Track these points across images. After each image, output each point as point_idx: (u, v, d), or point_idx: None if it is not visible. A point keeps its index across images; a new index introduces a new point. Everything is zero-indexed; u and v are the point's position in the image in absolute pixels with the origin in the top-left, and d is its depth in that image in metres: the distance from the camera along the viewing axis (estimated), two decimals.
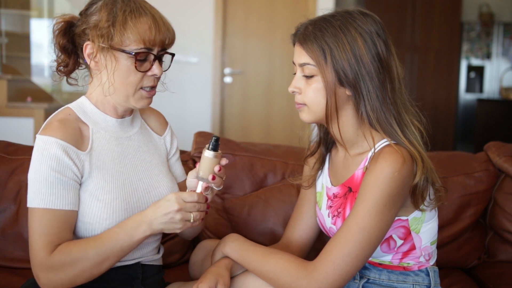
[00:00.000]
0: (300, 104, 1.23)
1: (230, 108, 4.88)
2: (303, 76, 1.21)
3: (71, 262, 1.12)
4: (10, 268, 1.66)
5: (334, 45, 1.15)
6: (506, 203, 1.79)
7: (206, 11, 4.66)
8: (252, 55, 4.84)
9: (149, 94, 1.24)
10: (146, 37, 1.18)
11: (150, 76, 1.22)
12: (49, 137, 1.17)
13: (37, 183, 1.15)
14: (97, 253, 1.13)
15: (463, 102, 6.17)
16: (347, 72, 1.15)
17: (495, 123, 5.40)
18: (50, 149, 1.16)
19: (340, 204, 1.26)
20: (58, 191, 1.15)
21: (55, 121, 1.21)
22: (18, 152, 1.77)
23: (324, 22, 1.18)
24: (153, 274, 1.34)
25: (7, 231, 1.67)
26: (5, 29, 4.63)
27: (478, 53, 6.16)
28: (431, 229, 1.25)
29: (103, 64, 1.20)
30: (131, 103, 1.24)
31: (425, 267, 1.27)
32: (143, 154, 1.32)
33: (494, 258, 1.80)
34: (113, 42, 1.17)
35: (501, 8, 6.31)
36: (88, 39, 1.20)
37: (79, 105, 1.27)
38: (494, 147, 1.86)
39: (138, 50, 1.18)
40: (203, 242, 1.62)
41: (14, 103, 4.05)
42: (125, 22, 1.17)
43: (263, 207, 1.72)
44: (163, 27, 1.21)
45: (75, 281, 1.14)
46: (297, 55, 1.21)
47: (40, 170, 1.15)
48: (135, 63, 1.18)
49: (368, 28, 1.17)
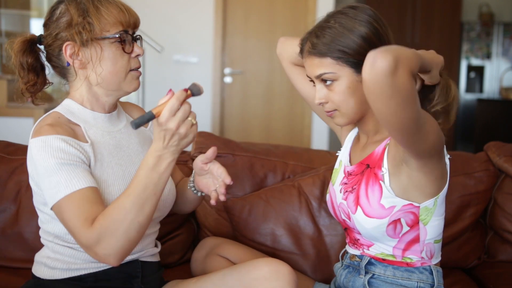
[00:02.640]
0: (330, 111, 1.25)
1: (230, 108, 4.88)
2: (324, 86, 1.23)
3: (113, 222, 1.09)
4: (10, 268, 1.66)
5: (340, 42, 1.18)
6: (506, 203, 1.79)
7: (206, 11, 4.66)
8: (252, 55, 4.84)
9: (138, 74, 1.26)
10: (122, 19, 1.21)
11: (134, 58, 1.25)
12: (46, 136, 1.16)
13: (52, 178, 1.13)
14: (133, 201, 1.10)
15: (463, 102, 6.17)
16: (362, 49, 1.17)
17: (495, 123, 5.40)
18: (53, 144, 1.15)
19: (356, 182, 1.28)
20: (74, 174, 1.13)
21: (45, 125, 1.19)
22: (18, 152, 1.77)
23: (322, 29, 1.21)
24: (152, 273, 1.34)
25: (7, 231, 1.67)
26: (5, 29, 4.62)
27: (478, 53, 6.16)
28: (438, 226, 1.27)
29: (88, 58, 1.21)
30: (124, 88, 1.25)
31: (428, 264, 1.28)
32: (135, 145, 1.34)
33: (494, 258, 1.80)
34: (95, 32, 1.19)
35: (501, 8, 6.31)
36: (65, 41, 1.20)
37: (65, 107, 1.26)
38: (494, 147, 1.86)
39: (120, 33, 1.20)
40: (205, 240, 1.64)
41: (14, 103, 4.05)
42: (98, 10, 1.19)
43: (264, 207, 1.72)
44: (130, 10, 1.24)
45: (129, 237, 1.10)
46: (310, 69, 1.23)
47: (49, 165, 1.13)
48: (121, 45, 1.20)
49: (361, 16, 1.20)
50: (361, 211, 1.24)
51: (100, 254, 1.10)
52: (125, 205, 1.10)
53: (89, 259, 1.24)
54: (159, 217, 1.36)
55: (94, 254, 1.11)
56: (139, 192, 1.10)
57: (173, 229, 1.76)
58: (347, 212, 1.29)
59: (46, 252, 1.29)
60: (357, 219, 1.25)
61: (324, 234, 1.69)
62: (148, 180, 1.11)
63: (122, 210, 1.09)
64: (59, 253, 1.25)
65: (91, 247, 1.10)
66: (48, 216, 1.24)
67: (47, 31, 1.24)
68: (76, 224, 1.10)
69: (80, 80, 1.25)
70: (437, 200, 1.23)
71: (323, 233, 1.69)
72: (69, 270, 1.24)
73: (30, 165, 1.21)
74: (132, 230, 1.10)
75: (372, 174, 1.24)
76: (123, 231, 1.09)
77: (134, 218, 1.10)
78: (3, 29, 4.60)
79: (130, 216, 1.09)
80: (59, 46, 1.22)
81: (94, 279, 1.25)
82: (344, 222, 1.33)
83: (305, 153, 1.91)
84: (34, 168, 1.18)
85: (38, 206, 1.27)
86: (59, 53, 1.23)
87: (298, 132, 4.91)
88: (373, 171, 1.24)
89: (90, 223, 1.10)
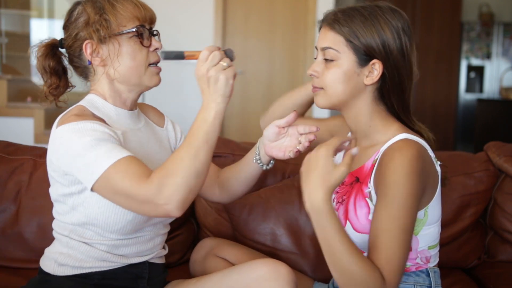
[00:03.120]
0: (317, 87, 1.23)
1: (230, 108, 4.88)
2: (323, 60, 1.21)
3: (171, 170, 1.09)
4: (10, 268, 1.66)
5: (361, 31, 1.16)
6: (506, 203, 1.79)
7: (206, 11, 4.66)
8: (252, 55, 4.84)
9: (158, 69, 1.28)
10: (138, 14, 1.23)
11: (152, 52, 1.26)
12: (76, 121, 1.15)
13: (91, 154, 1.11)
14: (186, 150, 1.10)
15: (463, 102, 6.17)
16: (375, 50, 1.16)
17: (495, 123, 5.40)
18: (85, 125, 1.14)
19: (345, 192, 1.27)
20: (113, 147, 1.12)
21: (71, 115, 1.19)
22: (18, 152, 1.77)
23: (353, 10, 1.19)
24: (158, 274, 1.36)
25: (7, 231, 1.67)
26: (5, 29, 4.63)
27: (478, 53, 6.16)
28: (431, 234, 1.24)
29: (107, 55, 1.22)
30: (145, 82, 1.26)
31: (424, 268, 1.26)
32: (153, 145, 1.34)
33: (494, 258, 1.80)
34: (112, 29, 1.20)
35: (501, 8, 6.31)
36: (84, 40, 1.22)
37: (89, 102, 1.27)
38: (494, 147, 1.86)
39: (137, 27, 1.22)
40: (204, 240, 1.63)
41: (14, 103, 4.05)
42: (113, 7, 1.21)
43: (264, 207, 1.72)
44: (145, 6, 1.26)
45: (188, 184, 1.09)
46: (321, 39, 1.22)
47: (85, 143, 1.12)
48: (139, 38, 1.22)
49: (395, 23, 1.18)
50: (350, 225, 1.22)
51: (161, 203, 1.08)
52: (180, 154, 1.10)
53: (100, 257, 1.24)
54: (169, 218, 1.36)
55: (155, 207, 1.09)
56: (193, 141, 1.11)
57: (173, 229, 1.76)
58: None
59: (58, 247, 1.28)
60: (347, 232, 1.25)
61: None
62: (198, 130, 1.12)
63: (177, 159, 1.10)
64: (72, 249, 1.25)
65: (151, 199, 1.08)
66: (68, 207, 1.23)
67: (67, 33, 1.26)
68: (130, 184, 1.09)
69: (101, 77, 1.26)
70: (427, 210, 1.21)
71: None
72: (79, 267, 1.24)
73: (56, 154, 1.18)
74: (191, 177, 1.09)
75: (359, 189, 1.22)
76: (182, 178, 1.08)
77: (190, 165, 1.09)
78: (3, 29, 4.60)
79: (186, 163, 1.09)
80: (79, 46, 1.24)
81: (101, 277, 1.25)
82: None
83: (305, 153, 1.90)
84: (63, 154, 1.15)
85: (57, 198, 1.25)
86: (80, 53, 1.25)
87: None
88: (361, 187, 1.22)
89: (146, 178, 1.09)
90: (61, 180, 1.21)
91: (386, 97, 1.21)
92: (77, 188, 1.19)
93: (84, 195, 1.20)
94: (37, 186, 1.70)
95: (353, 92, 1.20)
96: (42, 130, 4.02)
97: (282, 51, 4.81)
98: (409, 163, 1.10)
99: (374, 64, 1.17)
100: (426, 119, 5.77)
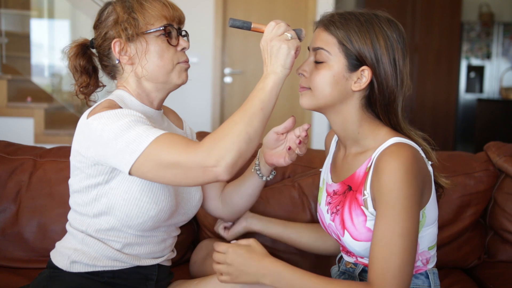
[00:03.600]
0: (304, 87, 1.23)
1: (230, 108, 4.88)
2: (314, 61, 1.21)
3: (222, 133, 1.08)
4: (10, 268, 1.66)
5: (355, 36, 1.16)
6: (506, 203, 1.79)
7: (206, 11, 4.66)
8: (252, 55, 4.84)
9: (187, 66, 1.29)
10: (166, 13, 1.24)
11: (180, 51, 1.27)
12: (110, 110, 1.15)
13: (129, 133, 1.10)
14: (241, 114, 1.09)
15: (463, 102, 6.17)
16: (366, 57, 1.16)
17: (495, 123, 5.41)
18: (117, 111, 1.14)
19: (339, 202, 1.26)
20: (150, 127, 1.12)
21: (102, 108, 1.18)
22: (18, 152, 1.77)
23: (350, 15, 1.20)
24: (165, 277, 1.37)
25: (7, 231, 1.67)
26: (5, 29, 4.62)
27: (478, 53, 6.16)
28: (430, 234, 1.24)
29: (135, 53, 1.23)
30: (173, 81, 1.27)
31: (423, 270, 1.26)
32: None
33: (494, 258, 1.80)
34: (139, 28, 1.22)
35: (501, 8, 6.31)
36: (113, 39, 1.23)
37: (117, 96, 1.27)
38: (494, 147, 1.86)
39: (164, 26, 1.23)
40: (204, 241, 1.63)
41: (14, 103, 4.05)
42: (142, 6, 1.23)
43: (264, 207, 1.72)
44: (174, 6, 1.27)
45: (239, 148, 1.07)
46: (314, 39, 1.22)
47: (122, 125, 1.11)
48: (166, 37, 1.23)
49: (391, 33, 1.18)
50: (348, 235, 1.22)
51: (210, 165, 1.05)
52: (234, 118, 1.10)
53: (114, 256, 1.25)
54: (183, 221, 1.37)
55: (203, 170, 1.07)
56: (248, 107, 1.11)
57: None
58: (336, 233, 1.28)
59: (72, 243, 1.27)
60: (346, 242, 1.24)
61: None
62: (254, 98, 1.12)
63: (231, 122, 1.09)
64: (87, 246, 1.25)
65: (201, 162, 1.06)
66: (90, 197, 1.23)
67: (97, 32, 1.28)
68: (178, 152, 1.07)
69: (129, 75, 1.27)
70: (425, 211, 1.20)
71: None
72: (92, 265, 1.25)
73: (86, 144, 1.17)
74: (242, 140, 1.07)
75: (354, 198, 1.21)
76: (233, 141, 1.07)
77: (243, 128, 1.08)
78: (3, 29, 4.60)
79: (239, 127, 1.08)
80: (108, 45, 1.25)
81: (112, 276, 1.26)
82: (338, 239, 1.31)
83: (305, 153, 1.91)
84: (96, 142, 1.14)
85: (79, 189, 1.24)
86: (109, 52, 1.26)
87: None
88: (355, 195, 1.21)
89: (194, 145, 1.08)
90: (88, 170, 1.21)
91: (373, 105, 1.20)
92: (105, 178, 1.20)
93: (109, 186, 1.20)
94: (37, 186, 1.70)
95: (340, 97, 1.19)
96: (42, 130, 4.02)
97: None
98: (405, 167, 1.10)
99: (363, 70, 1.17)
100: (426, 119, 5.77)
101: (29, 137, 3.98)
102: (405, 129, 1.22)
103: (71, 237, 1.29)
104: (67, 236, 1.32)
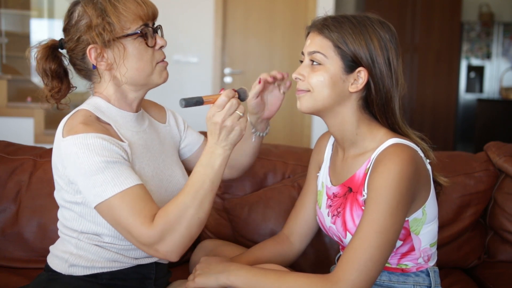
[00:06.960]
0: (302, 90, 1.23)
1: None
2: (310, 65, 1.22)
3: (175, 218, 1.09)
4: (10, 268, 1.66)
5: (350, 38, 1.17)
6: (506, 203, 1.79)
7: (206, 11, 4.66)
8: (252, 55, 4.84)
9: (165, 64, 1.27)
10: (141, 13, 1.20)
11: (158, 50, 1.25)
12: (84, 133, 1.13)
13: (98, 176, 1.10)
14: (192, 198, 1.11)
15: (463, 102, 6.17)
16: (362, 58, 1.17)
17: (495, 123, 5.41)
18: (95, 142, 1.12)
19: (340, 204, 1.26)
20: (121, 172, 1.12)
21: (78, 123, 1.16)
22: (18, 152, 1.77)
23: (343, 18, 1.21)
24: (163, 275, 1.37)
25: (7, 231, 1.67)
26: (5, 29, 4.63)
27: (478, 53, 6.16)
28: (431, 231, 1.25)
29: (113, 59, 1.19)
30: (154, 81, 1.25)
31: (424, 268, 1.27)
32: (157, 145, 1.33)
33: (494, 258, 1.80)
34: (115, 32, 1.17)
35: (501, 8, 6.31)
36: (87, 44, 1.19)
37: (93, 105, 1.24)
38: (494, 147, 1.86)
39: (141, 28, 1.20)
40: (204, 242, 1.63)
41: (14, 103, 4.05)
42: (115, 8, 1.18)
43: (264, 207, 1.72)
44: (146, 2, 1.23)
45: (190, 233, 1.11)
46: (309, 44, 1.23)
47: (94, 164, 1.10)
48: (144, 40, 1.20)
49: (383, 34, 1.19)
50: (351, 236, 1.22)
51: (162, 251, 1.10)
52: (186, 202, 1.11)
53: (112, 258, 1.24)
54: None
55: (155, 252, 1.11)
56: (198, 189, 1.12)
57: None
58: (338, 235, 1.28)
59: (68, 247, 1.26)
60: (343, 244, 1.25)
61: (323, 234, 1.69)
62: (205, 177, 1.13)
63: (182, 206, 1.10)
64: (82, 250, 1.24)
65: (153, 245, 1.10)
66: (75, 214, 1.22)
67: (68, 36, 1.23)
68: (134, 224, 1.09)
69: (107, 81, 1.23)
70: (425, 209, 1.21)
71: (322, 233, 1.69)
72: (90, 267, 1.24)
73: (62, 163, 1.16)
74: (194, 226, 1.11)
75: (354, 199, 1.22)
76: (185, 227, 1.10)
77: (195, 214, 1.11)
78: (3, 29, 4.60)
79: (191, 212, 1.10)
80: (82, 50, 1.21)
81: (110, 277, 1.25)
82: (339, 241, 1.32)
83: (305, 153, 1.91)
84: (70, 166, 1.14)
85: (64, 204, 1.24)
86: (84, 56, 1.22)
87: (298, 132, 4.91)
88: (355, 196, 1.22)
89: (150, 220, 1.09)
90: (66, 188, 1.20)
91: (371, 106, 1.21)
92: (83, 198, 1.18)
93: (90, 206, 1.17)
94: (37, 186, 1.70)
95: (338, 99, 1.20)
96: (42, 130, 4.02)
97: (282, 51, 4.81)
98: (400, 168, 1.11)
99: (359, 71, 1.18)
100: (426, 119, 5.77)
101: (29, 137, 3.98)
102: (403, 128, 1.23)
103: (65, 242, 1.28)
104: (60, 240, 1.30)
